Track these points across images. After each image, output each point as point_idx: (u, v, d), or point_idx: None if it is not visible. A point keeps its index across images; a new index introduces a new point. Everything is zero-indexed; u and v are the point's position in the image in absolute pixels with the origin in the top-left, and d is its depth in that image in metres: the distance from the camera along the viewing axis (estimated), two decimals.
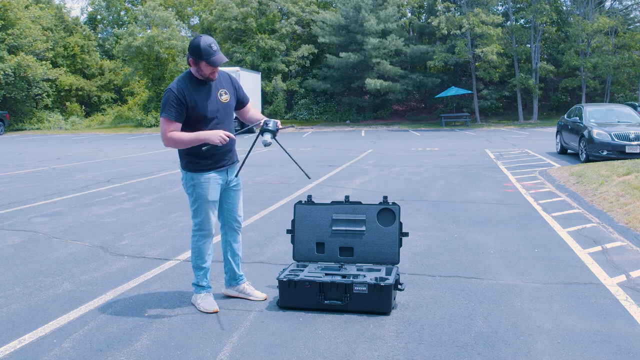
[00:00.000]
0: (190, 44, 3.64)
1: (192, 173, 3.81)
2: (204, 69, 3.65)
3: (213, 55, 3.59)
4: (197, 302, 3.96)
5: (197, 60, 3.61)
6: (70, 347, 3.36)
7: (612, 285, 4.34)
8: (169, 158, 15.75)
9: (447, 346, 3.31)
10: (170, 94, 3.64)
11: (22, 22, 36.34)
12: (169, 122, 3.65)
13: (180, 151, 3.85)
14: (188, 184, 3.86)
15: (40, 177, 11.79)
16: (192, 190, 3.85)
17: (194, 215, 3.92)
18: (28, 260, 5.27)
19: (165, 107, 3.64)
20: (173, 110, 3.63)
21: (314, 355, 3.21)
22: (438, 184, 9.89)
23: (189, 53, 3.64)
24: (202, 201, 3.84)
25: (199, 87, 3.71)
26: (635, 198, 7.30)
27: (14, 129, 36.35)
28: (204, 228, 3.90)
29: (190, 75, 3.73)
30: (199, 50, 3.58)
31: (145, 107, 38.02)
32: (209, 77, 3.71)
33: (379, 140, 22.91)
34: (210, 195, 3.84)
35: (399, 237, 4.15)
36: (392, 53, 36.30)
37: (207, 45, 3.58)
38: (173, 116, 3.64)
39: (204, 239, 3.93)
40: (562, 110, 33.03)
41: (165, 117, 3.64)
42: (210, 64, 3.60)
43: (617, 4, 36.76)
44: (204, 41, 3.59)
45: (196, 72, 3.70)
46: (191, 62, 3.66)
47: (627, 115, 13.91)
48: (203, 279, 3.98)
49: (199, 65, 3.64)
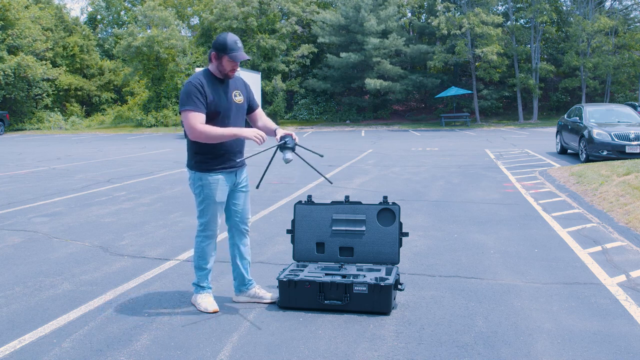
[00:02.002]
0: (216, 39, 3.70)
1: (201, 173, 3.78)
2: (225, 64, 3.68)
3: (236, 51, 3.65)
4: (198, 302, 3.94)
5: (220, 54, 3.66)
6: (70, 347, 3.36)
7: (612, 285, 4.34)
8: (169, 158, 15.76)
9: (447, 346, 3.31)
10: (190, 86, 3.64)
11: (21, 22, 36.33)
12: (195, 114, 3.61)
13: (190, 150, 3.81)
14: (196, 184, 3.82)
15: (40, 177, 11.79)
16: (199, 191, 3.82)
17: (199, 215, 3.89)
18: (28, 260, 5.26)
19: (188, 99, 3.62)
20: (197, 101, 3.62)
21: (314, 355, 3.21)
22: (438, 184, 9.89)
23: (213, 47, 3.69)
24: (210, 202, 3.81)
25: (216, 84, 3.73)
26: (635, 198, 7.30)
27: (14, 129, 36.36)
28: (209, 229, 3.88)
29: (208, 72, 3.75)
30: (224, 44, 3.64)
31: (145, 107, 38.02)
32: (227, 74, 3.73)
33: (379, 140, 22.91)
34: (218, 197, 3.82)
35: (399, 237, 4.14)
36: (392, 53, 36.30)
37: (232, 41, 3.66)
38: (198, 107, 3.62)
39: (208, 240, 3.91)
40: (562, 110, 33.05)
41: (190, 109, 3.61)
42: (232, 58, 3.65)
43: (617, 4, 36.77)
44: (230, 37, 3.67)
45: (215, 69, 3.73)
46: (213, 57, 3.70)
47: (627, 115, 13.91)
48: (204, 280, 3.96)
49: (221, 59, 3.67)
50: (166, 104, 37.54)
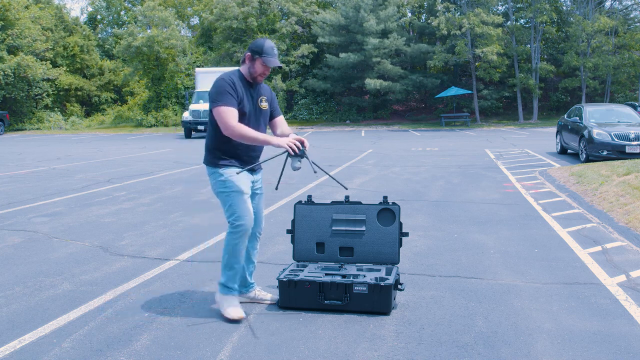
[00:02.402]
0: (254, 42, 3.74)
1: (223, 169, 3.73)
2: (257, 67, 3.71)
3: (271, 57, 3.70)
4: (223, 305, 3.78)
5: (254, 56, 3.70)
6: (70, 347, 3.36)
7: (612, 285, 4.34)
8: (169, 158, 15.76)
9: (447, 346, 3.31)
10: (223, 82, 3.65)
11: (21, 22, 36.32)
12: (230, 110, 3.60)
13: (210, 146, 3.79)
14: (218, 180, 3.74)
15: (40, 177, 11.79)
16: (223, 186, 3.72)
17: (229, 212, 3.74)
18: (28, 260, 5.26)
19: (222, 95, 3.61)
20: (230, 97, 3.61)
21: (314, 355, 3.21)
22: (438, 184, 9.89)
23: (249, 49, 3.72)
24: (237, 193, 3.70)
25: (246, 86, 3.75)
26: (635, 198, 7.30)
27: (14, 129, 36.35)
28: (242, 224, 3.70)
29: (239, 73, 3.77)
30: (261, 47, 3.69)
31: (145, 107, 38.02)
32: (256, 78, 3.75)
33: (379, 140, 22.92)
34: (244, 187, 3.73)
35: (399, 237, 4.14)
36: (392, 53, 36.29)
37: (269, 46, 3.71)
38: (232, 103, 3.61)
39: (241, 238, 3.73)
40: (562, 110, 33.05)
41: (224, 104, 3.60)
42: (266, 62, 3.68)
43: (617, 4, 36.78)
44: (267, 42, 3.72)
45: (247, 71, 3.75)
46: (247, 58, 3.73)
47: (627, 115, 13.92)
48: (233, 281, 3.80)
49: (255, 61, 3.71)
50: (166, 104, 37.54)
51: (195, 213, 7.50)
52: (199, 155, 16.20)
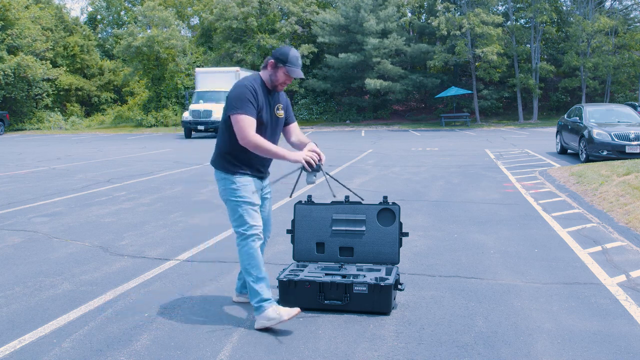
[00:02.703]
0: (279, 49, 3.63)
1: (235, 176, 3.62)
2: (279, 75, 3.61)
3: (295, 67, 3.59)
4: (273, 316, 3.51)
5: (279, 64, 3.58)
6: (70, 347, 3.36)
7: (612, 285, 4.34)
8: (169, 158, 15.76)
9: (447, 346, 3.31)
10: (244, 89, 3.52)
11: (21, 22, 36.32)
12: (249, 119, 3.49)
13: (221, 151, 3.68)
14: (229, 187, 3.63)
15: (40, 177, 11.79)
16: (235, 195, 3.60)
17: (239, 223, 3.60)
18: (28, 260, 5.26)
19: (242, 102, 3.49)
20: (250, 106, 3.50)
21: (314, 355, 3.21)
22: (438, 184, 9.89)
23: (274, 56, 3.61)
24: (249, 204, 3.61)
25: (265, 93, 3.63)
26: (635, 198, 7.30)
27: (14, 129, 36.35)
28: (254, 233, 3.59)
29: (260, 79, 3.65)
30: (286, 56, 3.58)
31: (145, 107, 38.03)
32: (276, 86, 3.64)
33: (379, 140, 22.92)
34: (255, 199, 3.66)
35: (399, 237, 4.14)
36: (392, 53, 36.29)
37: (294, 56, 3.60)
38: (252, 112, 3.50)
39: (255, 244, 3.60)
40: (562, 110, 33.05)
41: (244, 112, 3.48)
42: (289, 72, 3.59)
43: (617, 4, 36.78)
44: (293, 51, 3.61)
45: (268, 77, 3.64)
46: (270, 65, 3.62)
47: (627, 115, 13.92)
48: (266, 290, 3.57)
49: (278, 70, 3.60)
50: (166, 104, 37.55)
51: (195, 213, 7.50)
52: (199, 155, 16.21)
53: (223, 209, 7.57)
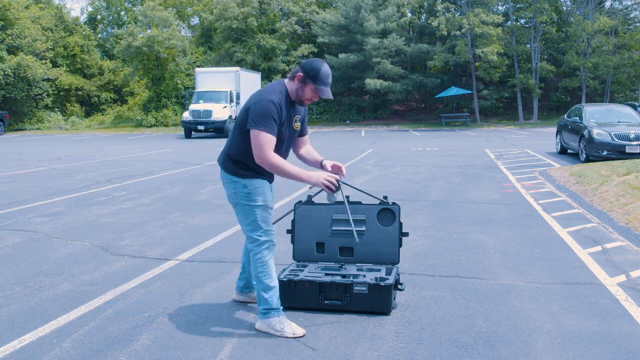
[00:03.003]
0: (310, 63, 3.42)
1: (246, 179, 3.47)
2: (307, 92, 3.43)
3: (325, 86, 3.41)
4: (278, 328, 3.47)
5: (308, 80, 3.39)
6: (70, 347, 3.36)
7: (612, 285, 4.34)
8: (169, 158, 15.76)
9: (447, 346, 3.31)
10: (271, 105, 3.32)
11: (21, 22, 36.32)
12: (270, 138, 3.30)
13: (233, 156, 3.51)
14: (241, 191, 3.47)
15: (40, 177, 11.79)
16: (248, 198, 3.46)
17: (252, 227, 3.48)
18: (28, 260, 5.26)
19: (265, 119, 3.29)
20: (274, 124, 3.32)
21: (314, 355, 3.21)
22: (438, 184, 9.89)
23: (304, 70, 3.40)
24: (263, 208, 3.48)
25: (288, 106, 3.46)
26: (635, 198, 7.30)
27: (14, 129, 36.35)
28: (269, 239, 3.50)
29: (286, 91, 3.45)
30: (318, 73, 3.38)
31: (145, 107, 38.03)
32: (302, 102, 3.48)
33: (379, 140, 22.92)
34: (269, 201, 3.53)
35: (399, 237, 4.14)
36: (392, 53, 36.30)
37: (326, 74, 3.40)
38: (273, 130, 3.32)
39: (271, 252, 3.52)
40: (562, 110, 33.06)
41: (265, 130, 3.29)
42: (318, 91, 3.41)
43: (617, 4, 36.79)
44: (325, 69, 3.40)
45: (293, 90, 3.45)
46: (299, 78, 3.41)
47: (627, 115, 13.92)
48: (275, 299, 3.51)
49: (306, 85, 3.41)
50: (166, 104, 37.56)
51: (195, 213, 7.50)
52: (199, 155, 16.22)
53: (223, 209, 7.57)
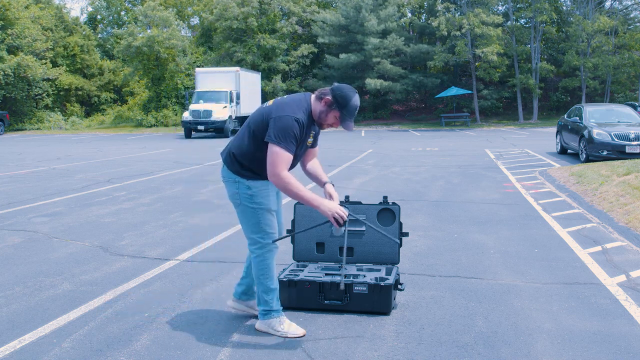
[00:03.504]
0: (342, 90, 3.31)
1: (250, 181, 3.40)
2: (330, 118, 3.34)
3: (350, 118, 3.33)
4: (278, 328, 3.46)
5: (335, 106, 3.30)
6: (70, 347, 3.36)
7: (612, 285, 4.34)
8: (169, 158, 15.76)
9: (447, 346, 3.31)
10: (296, 125, 3.24)
11: (21, 22, 36.31)
12: (287, 157, 3.24)
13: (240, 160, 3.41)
14: (244, 194, 3.40)
15: (40, 177, 11.79)
16: (250, 200, 3.39)
17: (254, 229, 3.43)
18: (28, 260, 5.26)
19: (286, 137, 3.22)
20: (292, 142, 3.25)
21: (314, 355, 3.21)
22: (438, 184, 9.89)
23: (334, 95, 3.30)
24: (265, 211, 3.42)
25: (308, 125, 3.38)
26: (635, 198, 7.30)
27: (14, 129, 36.34)
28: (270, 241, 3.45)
29: (310, 109, 3.36)
30: (347, 103, 3.29)
31: (145, 107, 38.01)
32: (322, 125, 3.40)
33: (379, 140, 22.92)
34: (272, 204, 3.47)
35: (399, 237, 4.14)
36: (392, 53, 36.30)
37: (355, 105, 3.32)
38: (292, 149, 3.25)
39: (271, 254, 3.45)
40: (562, 110, 33.06)
41: (284, 148, 3.22)
42: (341, 121, 3.34)
43: (617, 4, 36.80)
44: (356, 100, 3.32)
45: (317, 111, 3.35)
46: (326, 102, 3.31)
47: (627, 115, 13.92)
48: (275, 301, 3.50)
49: (331, 111, 3.32)
50: (166, 104, 37.55)
51: (195, 213, 7.50)
52: (199, 155, 16.22)
53: (223, 209, 7.57)
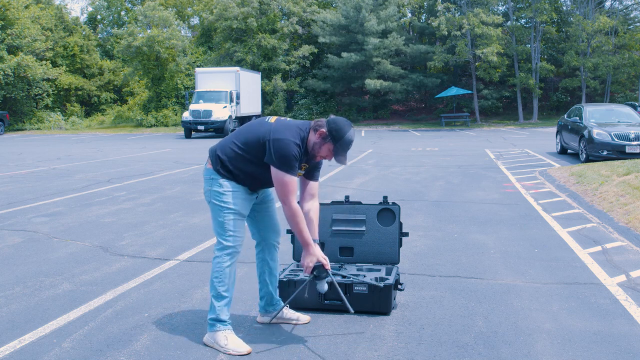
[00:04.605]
0: (337, 123, 3.27)
1: (224, 180, 3.33)
2: (323, 150, 3.29)
3: (343, 153, 3.30)
4: (222, 343, 3.27)
5: (329, 139, 3.25)
6: (70, 347, 3.36)
7: (612, 285, 4.34)
8: (169, 158, 15.76)
9: (447, 346, 3.31)
10: (295, 149, 3.20)
11: (21, 22, 36.28)
12: (295, 182, 3.22)
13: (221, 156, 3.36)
14: (215, 191, 3.34)
15: (40, 177, 11.79)
16: (219, 199, 3.32)
17: (220, 229, 3.33)
18: (28, 260, 5.26)
19: (290, 161, 3.19)
20: (295, 167, 3.22)
21: (314, 356, 3.21)
22: (438, 184, 9.89)
23: (329, 128, 3.25)
24: (233, 213, 3.33)
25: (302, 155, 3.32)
26: (635, 198, 7.30)
27: (14, 129, 36.32)
28: (235, 245, 3.34)
29: (306, 140, 3.29)
30: (342, 137, 3.25)
31: (145, 107, 38.01)
32: (315, 156, 3.34)
33: (379, 140, 22.92)
34: (243, 209, 3.37)
35: (399, 237, 4.14)
36: (392, 53, 36.29)
37: (349, 140, 3.29)
38: (295, 173, 3.23)
39: (232, 259, 3.34)
40: (562, 110, 33.06)
41: (291, 174, 3.20)
42: (335, 154, 3.30)
43: (617, 4, 36.78)
44: (351, 134, 3.28)
45: (311, 141, 3.30)
46: (321, 134, 3.26)
47: (627, 115, 13.92)
48: (225, 311, 3.33)
49: (325, 144, 3.27)
50: (166, 104, 37.54)
51: (195, 213, 7.50)
52: (199, 155, 16.21)
53: None
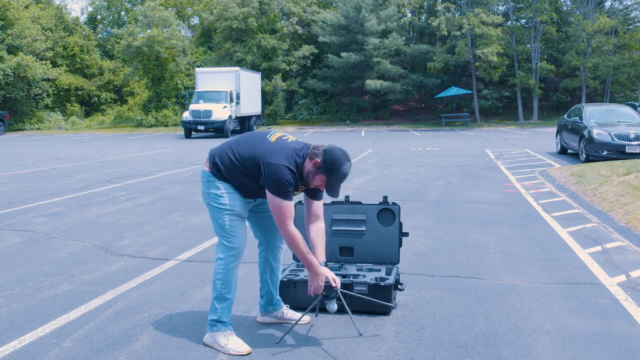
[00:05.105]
0: (333, 154, 3.17)
1: (221, 182, 3.30)
2: (316, 180, 3.22)
3: (336, 187, 3.23)
4: (222, 343, 3.27)
5: (323, 170, 3.17)
6: (70, 347, 3.36)
7: (612, 285, 4.34)
8: (169, 158, 15.76)
9: (447, 346, 3.31)
10: (288, 175, 3.13)
11: (21, 22, 36.28)
12: (291, 207, 3.18)
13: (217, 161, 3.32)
14: (212, 193, 3.31)
15: (40, 177, 11.79)
16: (217, 200, 3.30)
17: (221, 232, 3.30)
18: (28, 260, 5.26)
19: (283, 187, 3.13)
20: (290, 193, 3.17)
21: (314, 356, 3.21)
22: (438, 184, 9.89)
23: (324, 158, 3.16)
24: (232, 215, 3.29)
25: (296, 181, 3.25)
26: (635, 198, 7.30)
27: (14, 129, 36.32)
28: (238, 246, 3.31)
29: (301, 166, 3.22)
30: (337, 170, 3.16)
31: (145, 107, 38.01)
32: (307, 184, 3.27)
33: (379, 140, 22.92)
34: (241, 210, 3.34)
35: (399, 237, 4.14)
36: (392, 53, 36.30)
37: (344, 174, 3.19)
38: (292, 196, 3.19)
39: (235, 261, 3.30)
40: (562, 110, 33.06)
41: (288, 200, 3.16)
42: (327, 189, 3.23)
43: (617, 4, 36.79)
44: (346, 168, 3.18)
45: (305, 170, 3.22)
46: (315, 163, 3.17)
47: (627, 115, 13.93)
48: (227, 314, 3.33)
49: (319, 175, 3.19)
50: (166, 104, 37.54)
51: (195, 213, 7.50)
52: (199, 155, 16.21)
53: None
